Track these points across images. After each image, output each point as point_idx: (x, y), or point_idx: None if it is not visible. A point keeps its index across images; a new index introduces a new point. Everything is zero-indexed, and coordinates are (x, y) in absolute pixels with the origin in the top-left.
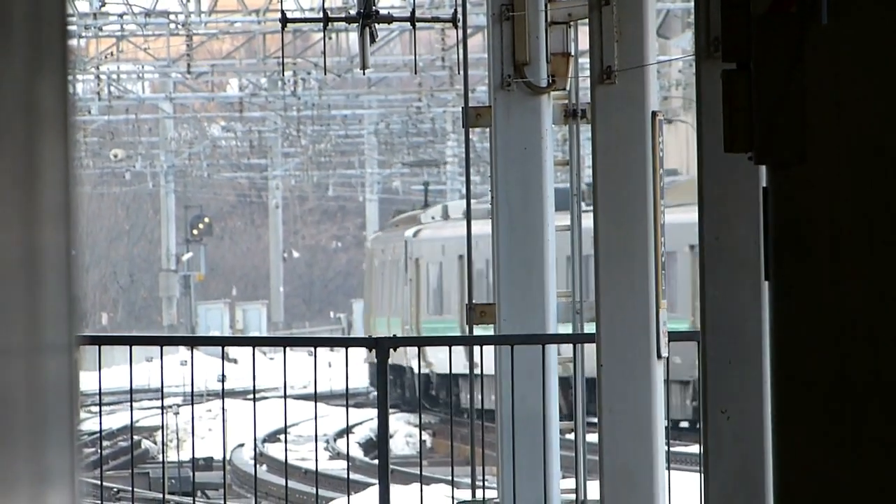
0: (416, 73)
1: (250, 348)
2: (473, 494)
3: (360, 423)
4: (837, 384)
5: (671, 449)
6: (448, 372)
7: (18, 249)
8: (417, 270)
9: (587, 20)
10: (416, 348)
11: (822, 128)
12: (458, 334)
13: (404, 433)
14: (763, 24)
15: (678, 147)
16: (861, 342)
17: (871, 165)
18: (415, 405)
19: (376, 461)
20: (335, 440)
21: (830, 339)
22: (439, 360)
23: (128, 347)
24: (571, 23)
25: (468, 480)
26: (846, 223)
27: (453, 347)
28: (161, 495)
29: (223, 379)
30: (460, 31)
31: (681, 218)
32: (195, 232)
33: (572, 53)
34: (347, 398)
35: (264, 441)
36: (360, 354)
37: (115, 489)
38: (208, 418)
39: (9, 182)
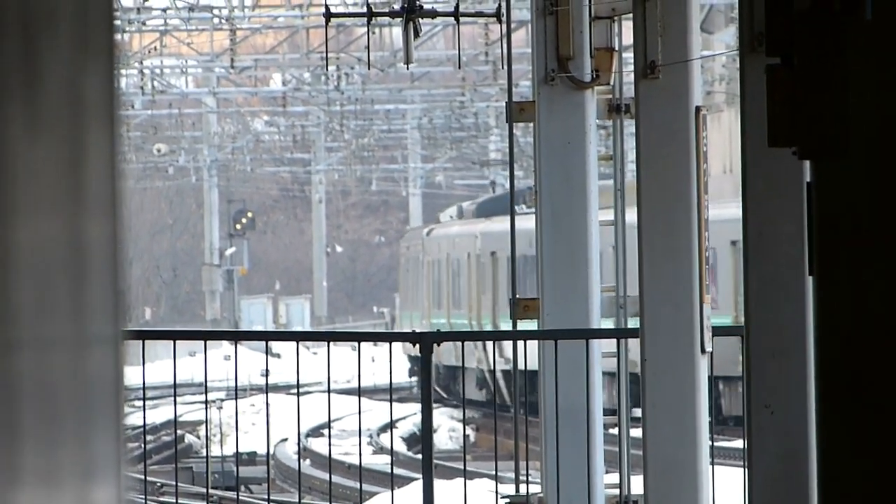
0: (459, 67)
1: (293, 343)
2: (517, 489)
3: (404, 418)
4: (881, 379)
5: (715, 444)
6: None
7: (64, 242)
8: (430, 268)
9: (631, 15)
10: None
11: (865, 122)
12: (475, 329)
13: (447, 427)
14: (806, 19)
15: (721, 142)
16: None
17: None
18: (449, 400)
19: (420, 456)
20: (378, 435)
21: (875, 334)
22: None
23: (171, 342)
24: (615, 17)
25: (512, 475)
26: (890, 217)
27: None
28: (205, 490)
29: (267, 373)
30: (504, 26)
31: (716, 214)
32: (238, 226)
33: (616, 48)
34: (391, 393)
35: (308, 436)
36: (403, 349)
37: (159, 483)
38: (252, 413)
39: (55, 175)
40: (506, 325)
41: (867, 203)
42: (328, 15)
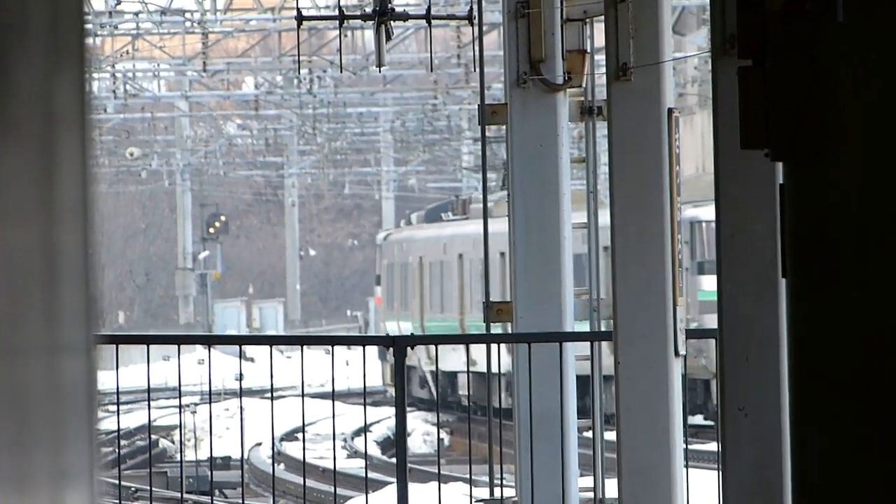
0: (431, 70)
1: (267, 347)
2: (491, 493)
3: (378, 422)
4: (855, 382)
5: (689, 447)
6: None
7: (36, 248)
8: (385, 272)
9: (603, 17)
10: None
11: (838, 124)
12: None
13: (422, 431)
14: (778, 20)
15: (694, 144)
16: (879, 340)
17: (886, 162)
18: (425, 404)
19: (394, 460)
20: (353, 438)
21: (847, 337)
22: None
23: (145, 346)
24: (587, 20)
25: (486, 479)
26: (862, 220)
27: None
28: (179, 494)
29: (240, 377)
30: (476, 29)
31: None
32: (211, 230)
33: (588, 50)
34: (365, 396)
35: (282, 440)
36: (376, 353)
37: (133, 488)
38: (226, 417)
39: (26, 181)
40: (437, 326)
41: (840, 205)
42: (300, 18)
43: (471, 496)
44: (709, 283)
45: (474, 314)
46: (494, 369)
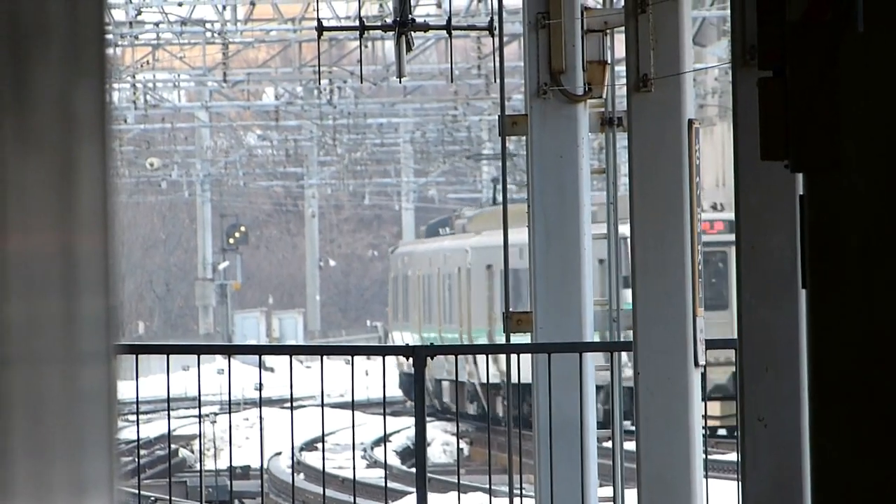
0: (451, 81)
1: (287, 357)
2: (511, 503)
3: (397, 432)
4: (875, 394)
5: (709, 457)
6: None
7: (55, 257)
8: (392, 284)
9: (623, 28)
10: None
11: (858, 135)
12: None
13: (441, 441)
14: (798, 31)
15: (714, 154)
16: None
17: None
18: (442, 414)
19: (413, 469)
20: (372, 448)
21: (868, 348)
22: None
23: (164, 356)
24: (608, 31)
25: (506, 489)
26: (883, 231)
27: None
28: None
29: (260, 387)
30: (496, 40)
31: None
32: (231, 241)
33: (608, 61)
34: (385, 406)
35: (301, 449)
36: (396, 363)
37: (153, 498)
38: (245, 427)
39: (46, 190)
40: (432, 337)
41: (860, 215)
42: (320, 29)
43: None
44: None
45: (446, 325)
46: (514, 379)
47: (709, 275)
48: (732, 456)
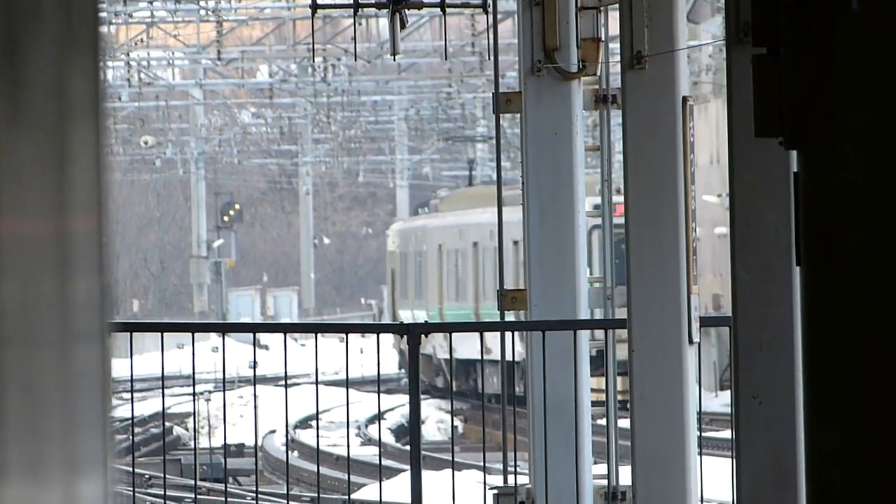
0: (446, 58)
1: (281, 335)
2: (505, 480)
3: (392, 409)
4: (868, 373)
5: (703, 434)
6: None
7: (49, 237)
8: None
9: (617, 5)
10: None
11: (853, 112)
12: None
13: (435, 419)
14: (793, 8)
15: (708, 132)
16: (892, 331)
17: None
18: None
19: (408, 447)
20: (366, 426)
21: (860, 327)
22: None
23: (159, 334)
24: (601, 8)
25: (500, 466)
26: (876, 210)
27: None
28: (193, 482)
29: (254, 365)
30: (490, 17)
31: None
32: (226, 219)
33: (602, 39)
34: (379, 384)
35: (296, 427)
36: (390, 340)
37: (147, 476)
38: (239, 405)
39: (39, 170)
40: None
41: (855, 193)
42: (315, 6)
43: (485, 484)
44: None
45: (403, 302)
46: (508, 357)
47: (616, 255)
48: (727, 433)
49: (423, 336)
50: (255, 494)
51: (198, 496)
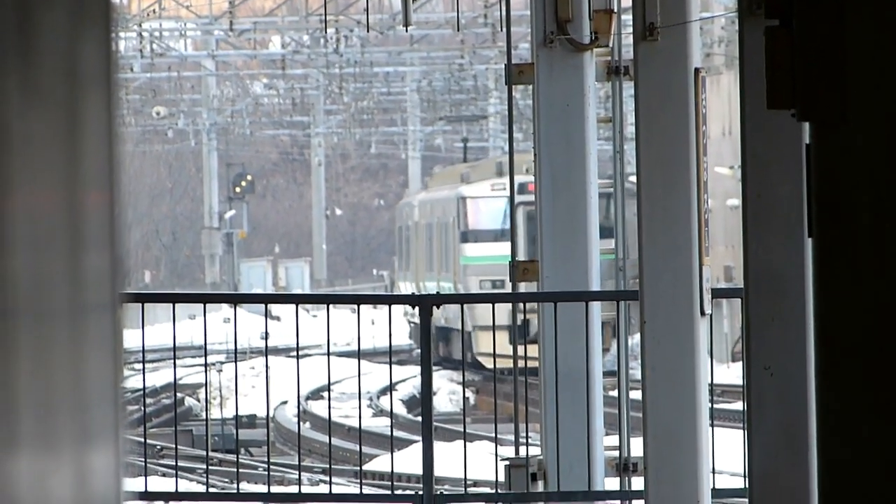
0: (458, 30)
1: (293, 306)
2: (517, 452)
3: (404, 381)
4: (881, 344)
5: (714, 406)
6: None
7: (61, 209)
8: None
9: None
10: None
11: (864, 84)
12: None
13: (447, 390)
14: None
15: (720, 104)
16: None
17: None
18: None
19: (419, 418)
20: (378, 397)
21: (873, 298)
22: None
23: (171, 305)
24: None
25: (512, 438)
26: (888, 182)
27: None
28: (204, 452)
29: (266, 336)
30: None
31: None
32: (237, 190)
33: (615, 10)
34: (391, 355)
35: (307, 398)
36: (402, 311)
37: (159, 446)
38: (251, 376)
39: (51, 141)
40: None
41: (867, 164)
42: None
43: (496, 455)
44: (470, 250)
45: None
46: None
47: (530, 230)
48: (738, 405)
49: (434, 307)
50: (266, 465)
51: (209, 467)
